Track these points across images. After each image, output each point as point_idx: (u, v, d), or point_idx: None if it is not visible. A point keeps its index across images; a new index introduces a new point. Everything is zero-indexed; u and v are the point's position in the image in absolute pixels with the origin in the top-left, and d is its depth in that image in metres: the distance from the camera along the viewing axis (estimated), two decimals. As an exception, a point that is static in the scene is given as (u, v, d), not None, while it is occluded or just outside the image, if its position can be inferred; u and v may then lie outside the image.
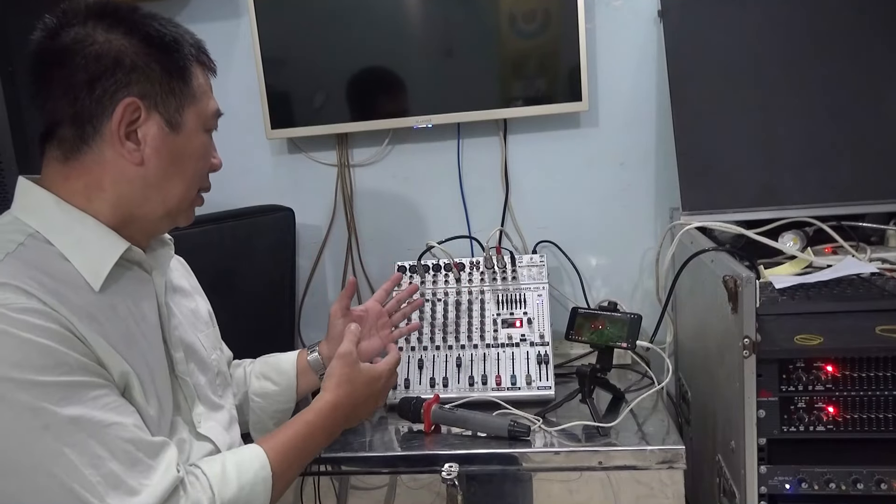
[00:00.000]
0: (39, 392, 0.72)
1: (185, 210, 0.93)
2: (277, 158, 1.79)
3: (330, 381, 1.05)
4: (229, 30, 1.72)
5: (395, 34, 1.60)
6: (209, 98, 0.92)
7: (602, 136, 1.66)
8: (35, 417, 0.72)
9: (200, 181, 0.93)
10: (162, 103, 0.86)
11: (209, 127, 0.92)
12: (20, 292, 0.74)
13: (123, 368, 0.81)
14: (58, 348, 0.74)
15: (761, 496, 1.04)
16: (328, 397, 1.02)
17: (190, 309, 1.05)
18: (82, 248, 0.83)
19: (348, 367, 1.06)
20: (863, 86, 1.36)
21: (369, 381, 1.09)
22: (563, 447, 1.17)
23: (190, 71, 0.88)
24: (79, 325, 0.77)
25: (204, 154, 0.92)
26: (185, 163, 0.89)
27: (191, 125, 0.89)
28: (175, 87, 0.86)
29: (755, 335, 1.00)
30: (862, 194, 1.32)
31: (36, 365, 0.72)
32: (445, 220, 1.74)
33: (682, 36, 1.46)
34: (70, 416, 0.73)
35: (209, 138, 0.93)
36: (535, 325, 1.41)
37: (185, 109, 0.88)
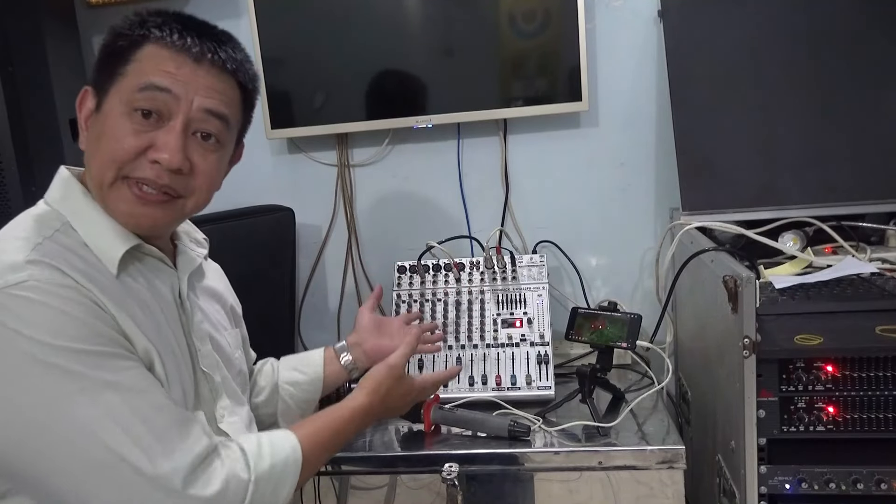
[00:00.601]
0: (75, 357, 0.75)
1: (108, 196, 0.85)
2: (277, 158, 1.79)
3: (369, 383, 1.06)
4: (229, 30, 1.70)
5: (395, 34, 1.60)
6: (143, 75, 0.83)
7: (602, 136, 1.66)
8: (72, 381, 0.74)
9: (117, 163, 0.83)
10: (100, 86, 0.86)
11: (134, 106, 0.83)
12: (55, 270, 0.77)
13: (148, 347, 0.83)
14: (92, 321, 0.77)
15: (761, 496, 1.04)
16: (364, 400, 1.03)
17: (216, 310, 1.07)
18: (102, 240, 0.85)
19: (392, 379, 1.08)
20: (863, 86, 1.36)
21: (404, 394, 1.12)
22: (563, 447, 1.17)
23: (136, 51, 0.84)
24: (108, 304, 0.80)
25: (118, 136, 0.83)
26: (99, 142, 0.85)
27: (111, 105, 0.85)
28: (108, 69, 0.85)
29: (755, 335, 1.00)
30: (862, 194, 1.32)
31: (71, 334, 0.75)
32: (445, 220, 1.74)
33: (682, 36, 1.46)
34: (105, 380, 0.76)
35: (131, 121, 0.83)
36: (535, 325, 1.41)
37: (110, 89, 0.85)
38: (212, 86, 0.87)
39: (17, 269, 0.75)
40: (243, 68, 0.92)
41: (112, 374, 0.77)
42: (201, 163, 0.88)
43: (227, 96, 0.89)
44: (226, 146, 0.93)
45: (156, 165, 0.84)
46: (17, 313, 0.73)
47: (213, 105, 0.87)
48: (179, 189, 0.88)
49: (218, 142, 0.90)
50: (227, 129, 0.91)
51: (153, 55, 0.84)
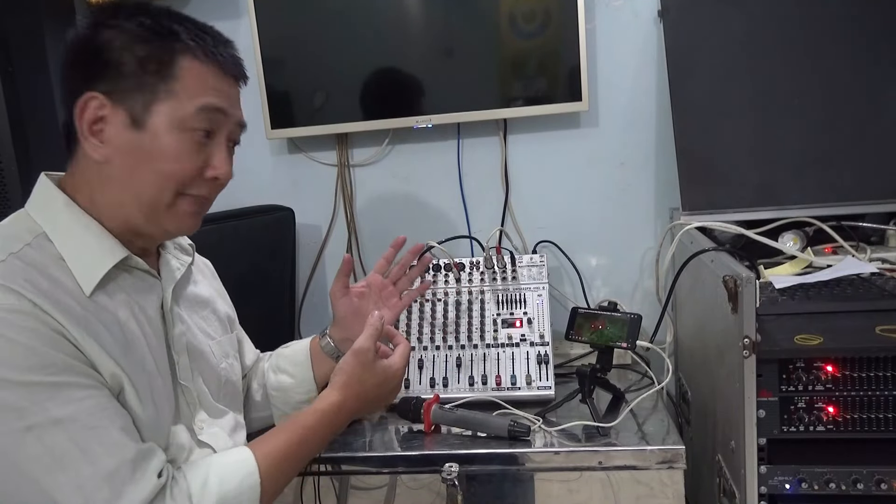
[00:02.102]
0: (25, 392, 0.72)
1: (170, 215, 0.86)
2: (277, 158, 1.79)
3: (339, 378, 1.01)
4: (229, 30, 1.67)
5: (395, 34, 1.60)
6: (195, 95, 0.84)
7: (602, 136, 1.66)
8: (19, 418, 0.72)
9: (178, 183, 0.85)
10: (130, 98, 0.82)
11: (192, 126, 0.84)
12: (11, 293, 0.74)
13: (115, 371, 0.80)
14: (45, 349, 0.74)
15: (761, 496, 1.04)
16: (334, 398, 0.98)
17: (202, 316, 1.04)
18: (80, 253, 0.82)
19: (361, 366, 1.01)
20: (862, 86, 1.36)
21: (381, 382, 1.04)
22: (563, 447, 1.17)
23: (174, 66, 0.82)
24: (70, 328, 0.77)
25: (176, 156, 0.84)
26: (153, 162, 0.83)
27: (158, 123, 0.82)
28: (147, 83, 0.82)
29: (755, 335, 1.00)
30: (862, 194, 1.32)
31: (22, 365, 0.72)
32: (445, 220, 1.74)
33: (682, 36, 1.46)
34: (54, 418, 0.73)
35: (188, 139, 0.84)
36: (535, 325, 1.40)
37: (155, 106, 0.82)
38: (238, 97, 0.91)
39: None
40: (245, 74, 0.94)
41: (61, 408, 0.73)
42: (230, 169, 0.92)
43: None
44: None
45: (212, 182, 0.88)
46: None
47: (243, 118, 0.92)
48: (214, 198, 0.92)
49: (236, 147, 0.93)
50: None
51: (195, 71, 0.84)
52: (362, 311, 1.21)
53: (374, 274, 1.28)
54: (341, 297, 1.21)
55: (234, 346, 1.12)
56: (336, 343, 1.21)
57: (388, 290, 1.27)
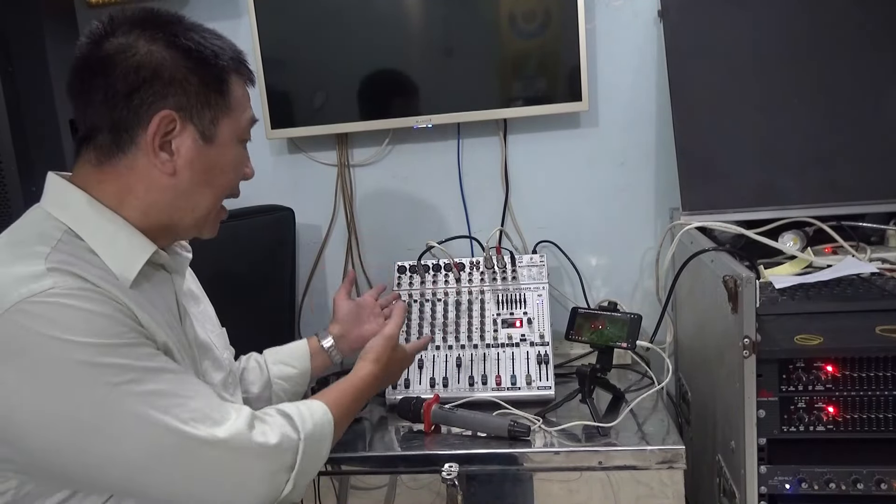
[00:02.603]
0: (118, 352, 0.77)
1: (211, 221, 0.95)
2: (277, 158, 1.79)
3: (371, 354, 1.14)
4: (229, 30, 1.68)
5: (395, 34, 1.60)
6: (245, 109, 0.93)
7: (602, 136, 1.66)
8: (121, 373, 0.77)
9: (231, 191, 0.95)
10: (197, 115, 0.87)
11: (244, 138, 0.94)
12: (74, 277, 0.78)
13: (166, 341, 0.86)
14: (121, 317, 0.80)
15: (761, 496, 1.04)
16: (372, 369, 1.11)
17: (200, 311, 1.08)
18: (113, 248, 0.86)
19: (391, 349, 1.16)
20: (863, 86, 1.36)
21: (400, 361, 1.22)
22: (563, 447, 1.17)
23: (227, 83, 0.89)
24: (130, 305, 0.82)
25: (236, 165, 0.94)
26: (216, 174, 0.91)
27: (225, 137, 0.90)
28: (211, 100, 0.88)
29: (755, 335, 1.00)
30: (862, 194, 1.32)
31: (109, 331, 0.77)
32: (445, 220, 1.74)
33: (682, 36, 1.46)
34: (150, 367, 0.80)
35: (243, 149, 0.95)
36: (535, 325, 1.41)
37: (220, 121, 0.89)
38: None
39: (40, 277, 0.76)
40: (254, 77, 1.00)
41: (153, 361, 0.81)
42: None
43: None
44: None
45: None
46: (52, 319, 0.74)
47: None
48: None
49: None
50: None
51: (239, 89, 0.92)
52: (360, 316, 1.37)
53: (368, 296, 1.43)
54: (344, 299, 1.37)
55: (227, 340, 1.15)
56: (336, 339, 1.32)
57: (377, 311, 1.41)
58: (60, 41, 1.59)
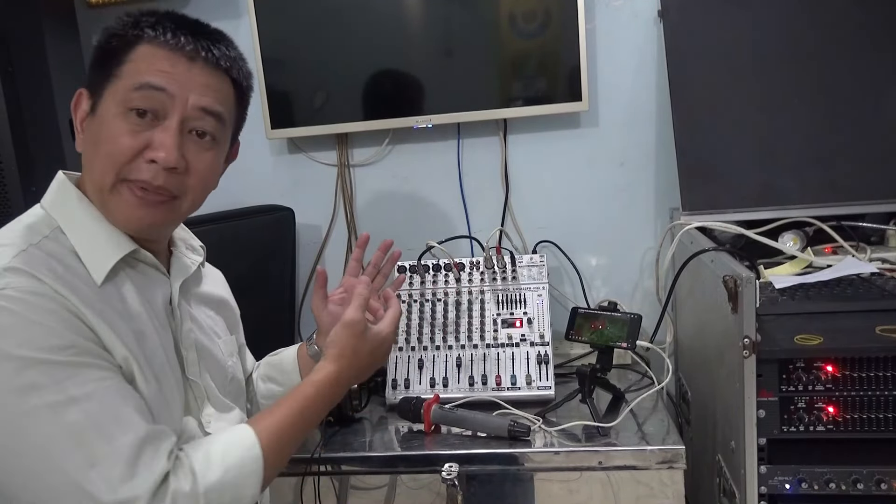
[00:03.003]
0: (45, 369, 0.74)
1: (109, 200, 0.85)
2: (277, 158, 1.79)
3: (333, 350, 0.99)
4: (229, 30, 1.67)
5: (395, 34, 1.60)
6: (140, 74, 0.83)
7: (602, 136, 1.66)
8: (39, 396, 0.73)
9: (115, 166, 0.83)
10: (94, 88, 0.86)
11: (129, 105, 0.83)
12: (32, 278, 0.77)
13: (126, 356, 0.82)
14: (64, 330, 0.76)
15: (761, 496, 1.04)
16: (330, 369, 0.97)
17: (210, 316, 1.06)
18: (91, 245, 0.85)
19: (354, 337, 1.00)
20: (863, 86, 1.36)
21: (374, 349, 1.03)
22: (563, 447, 1.17)
23: (127, 53, 0.84)
24: (86, 312, 0.79)
25: (114, 137, 0.83)
26: (97, 146, 0.85)
27: (106, 107, 0.84)
28: (103, 70, 0.85)
29: (755, 335, 1.00)
30: (862, 194, 1.32)
31: (42, 345, 0.74)
32: (445, 220, 1.74)
33: (682, 36, 1.46)
34: (72, 396, 0.75)
35: (127, 121, 0.83)
36: (535, 325, 1.40)
37: (105, 91, 0.85)
38: (207, 83, 0.87)
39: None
40: (237, 65, 0.92)
41: (79, 387, 0.75)
42: (196, 161, 0.88)
43: (222, 94, 0.90)
44: (221, 144, 0.92)
45: (152, 165, 0.84)
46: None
47: (207, 103, 0.87)
48: (174, 189, 0.87)
49: (213, 139, 0.90)
50: (222, 127, 0.91)
51: (147, 55, 0.84)
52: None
53: (349, 277, 1.25)
54: (322, 308, 1.19)
55: (235, 348, 1.14)
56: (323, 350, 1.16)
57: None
58: (60, 41, 1.59)
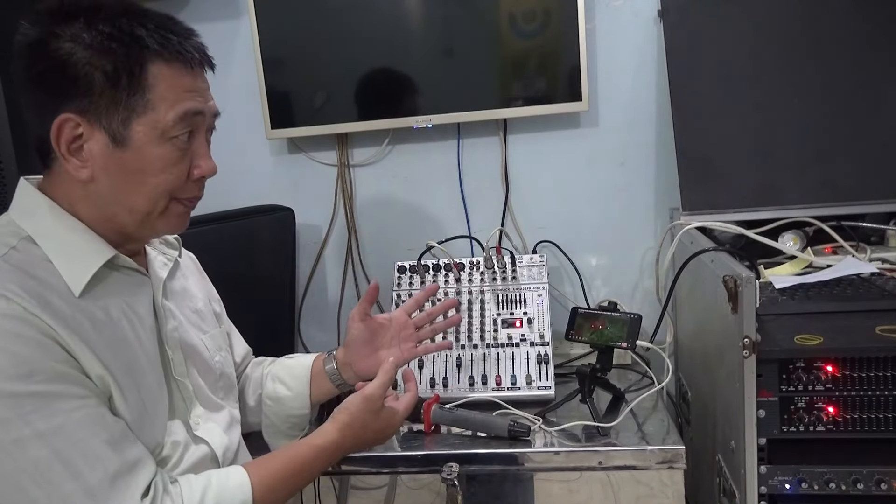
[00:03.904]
0: (11, 402, 0.72)
1: (159, 220, 0.86)
2: (277, 158, 1.79)
3: (342, 417, 1.01)
4: (229, 30, 1.72)
5: (395, 34, 1.60)
6: (175, 102, 0.81)
7: (602, 136, 1.66)
8: (4, 430, 0.71)
9: (170, 192, 0.85)
10: (105, 117, 0.79)
11: (171, 135, 0.82)
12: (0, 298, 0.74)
13: (102, 373, 0.79)
14: (34, 356, 0.73)
15: (761, 496, 1.04)
16: (334, 437, 0.99)
17: (193, 310, 1.03)
18: (67, 253, 0.82)
19: (367, 412, 1.02)
20: (862, 86, 1.36)
21: (383, 428, 1.06)
22: (563, 447, 1.17)
23: (144, 76, 0.79)
24: (60, 331, 0.76)
25: (163, 167, 0.82)
26: (139, 177, 0.82)
27: (140, 138, 0.80)
28: (121, 99, 0.79)
29: (755, 335, 1.00)
30: (862, 194, 1.32)
31: (10, 373, 0.72)
32: (445, 220, 1.74)
33: (682, 36, 1.46)
34: (38, 431, 0.73)
35: (173, 148, 0.82)
36: (535, 325, 1.40)
37: (133, 122, 0.80)
38: (208, 87, 0.88)
39: None
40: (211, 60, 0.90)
41: (46, 420, 0.73)
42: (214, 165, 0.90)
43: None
44: None
45: (200, 181, 0.87)
46: None
47: (217, 108, 0.89)
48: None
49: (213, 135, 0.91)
50: None
51: (166, 76, 0.81)
52: (376, 342, 1.21)
53: (401, 311, 1.25)
54: (359, 320, 1.19)
55: (225, 340, 1.12)
56: (339, 365, 1.19)
57: (409, 332, 1.23)
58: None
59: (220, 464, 0.94)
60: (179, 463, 0.89)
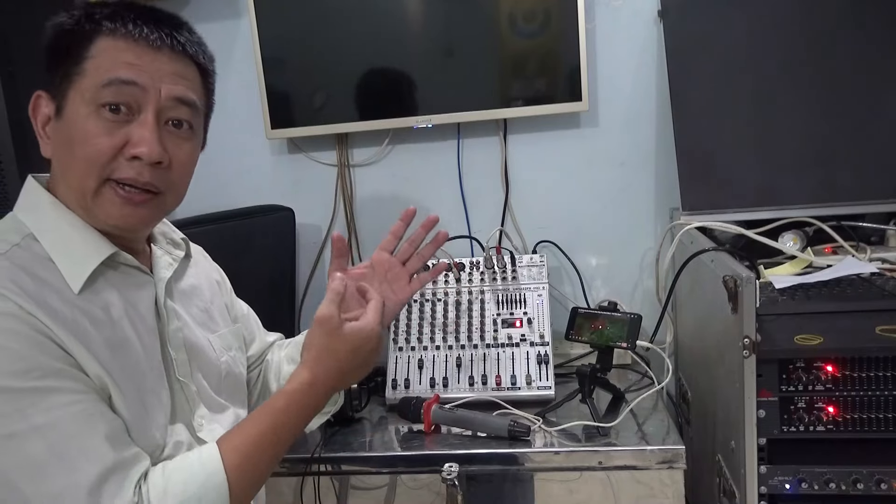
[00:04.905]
0: (7, 397, 0.72)
1: (93, 203, 0.82)
2: (277, 158, 1.79)
3: (309, 353, 0.91)
4: (229, 30, 1.72)
5: (395, 34, 1.60)
6: (104, 71, 0.79)
7: (602, 136, 1.66)
8: (1, 425, 0.72)
9: (97, 165, 0.80)
10: (56, 90, 0.81)
11: (99, 101, 0.79)
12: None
13: (100, 373, 0.79)
14: (30, 353, 0.73)
15: (761, 496, 1.04)
16: (304, 376, 0.89)
17: (202, 309, 1.01)
18: (67, 251, 0.81)
19: (328, 336, 0.90)
20: (862, 85, 1.36)
21: (356, 347, 0.92)
22: (563, 447, 1.17)
23: (90, 49, 0.80)
24: (56, 330, 0.76)
25: (87, 137, 0.79)
26: (71, 149, 0.80)
27: (72, 106, 0.80)
28: (61, 70, 0.81)
29: (755, 335, 1.00)
30: (862, 194, 1.32)
31: (6, 370, 0.72)
32: (445, 220, 1.74)
33: (682, 36, 1.46)
34: (35, 425, 0.72)
35: (100, 119, 0.79)
36: (535, 325, 1.40)
37: (69, 90, 0.80)
38: (176, 72, 0.85)
39: None
40: (202, 50, 0.89)
41: (43, 414, 0.73)
42: (177, 153, 0.85)
43: (192, 81, 0.87)
44: (197, 133, 0.89)
45: (135, 162, 0.81)
46: None
47: (180, 92, 0.84)
48: (160, 184, 0.84)
49: (191, 128, 0.87)
50: (196, 115, 0.88)
51: (109, 48, 0.80)
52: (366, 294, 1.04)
53: (381, 251, 1.12)
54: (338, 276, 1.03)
55: (236, 339, 1.08)
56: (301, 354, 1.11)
57: (396, 270, 1.12)
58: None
59: None
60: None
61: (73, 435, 0.74)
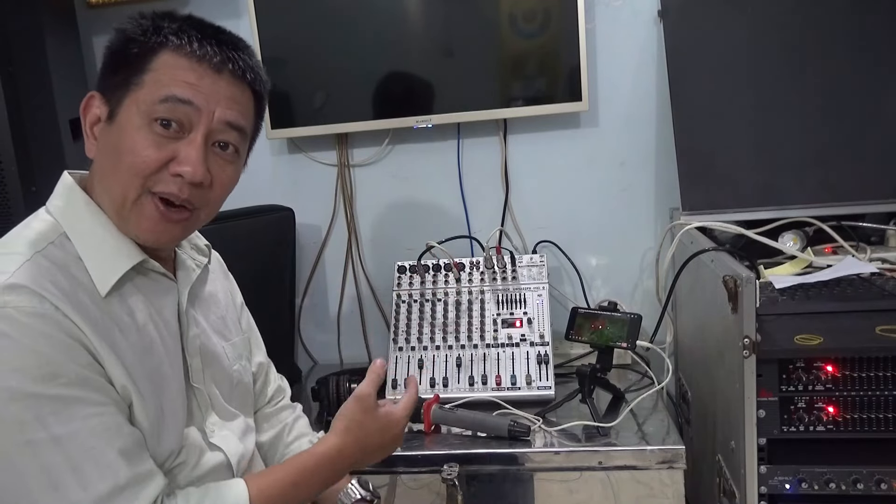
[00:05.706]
0: (30, 403, 0.72)
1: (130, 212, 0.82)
2: (277, 158, 1.79)
3: (340, 423, 0.96)
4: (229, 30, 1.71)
5: (395, 34, 1.60)
6: (162, 85, 0.80)
7: (602, 136, 1.66)
8: (20, 431, 0.71)
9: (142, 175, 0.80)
10: (112, 95, 0.82)
11: (152, 116, 0.80)
12: (33, 296, 0.73)
13: (125, 383, 0.79)
14: (59, 358, 0.73)
15: (761, 496, 1.04)
16: (333, 442, 0.94)
17: (219, 317, 1.02)
18: (97, 254, 0.81)
19: (362, 412, 0.97)
20: (862, 86, 1.36)
21: (383, 429, 0.99)
22: (563, 447, 1.17)
23: (153, 61, 0.81)
24: (89, 334, 0.76)
25: (136, 148, 0.80)
26: (118, 156, 0.81)
27: (126, 114, 0.81)
28: (120, 76, 0.81)
29: (755, 335, 1.00)
30: (862, 194, 1.32)
31: (34, 374, 0.72)
32: (445, 220, 1.74)
33: (682, 36, 1.46)
34: (54, 436, 0.72)
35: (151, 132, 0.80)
36: (535, 325, 1.41)
37: (125, 98, 0.81)
38: (232, 96, 0.85)
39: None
40: (258, 76, 0.89)
41: (63, 425, 0.73)
42: (220, 175, 0.86)
43: (245, 106, 0.87)
44: (241, 156, 0.90)
45: (178, 179, 0.82)
46: None
47: (233, 117, 0.85)
48: (198, 202, 0.85)
49: (236, 152, 0.87)
50: (243, 140, 0.88)
51: (171, 64, 0.81)
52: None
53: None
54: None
55: (246, 348, 1.10)
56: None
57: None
58: (60, 41, 1.59)
59: (234, 472, 0.93)
60: (195, 469, 0.88)
61: (90, 448, 0.74)
